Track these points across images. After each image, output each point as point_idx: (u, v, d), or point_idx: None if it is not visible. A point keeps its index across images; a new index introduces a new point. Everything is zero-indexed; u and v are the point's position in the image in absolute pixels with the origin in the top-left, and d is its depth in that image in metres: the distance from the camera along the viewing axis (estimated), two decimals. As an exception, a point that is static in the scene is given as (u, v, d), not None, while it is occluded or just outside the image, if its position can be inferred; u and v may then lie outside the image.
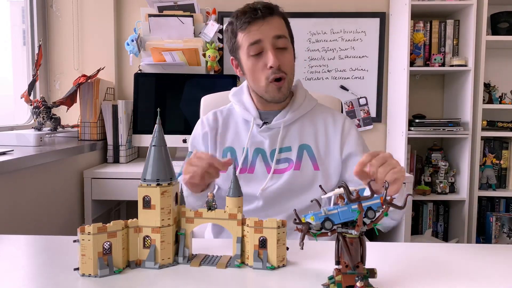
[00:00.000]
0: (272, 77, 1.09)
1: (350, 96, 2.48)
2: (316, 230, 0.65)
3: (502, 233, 2.29)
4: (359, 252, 0.64)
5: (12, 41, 2.32)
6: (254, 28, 1.08)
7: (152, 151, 0.75)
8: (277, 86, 1.10)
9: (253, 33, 1.09)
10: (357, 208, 0.63)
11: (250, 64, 1.11)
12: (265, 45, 1.08)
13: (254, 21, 1.08)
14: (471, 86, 2.21)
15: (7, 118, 2.15)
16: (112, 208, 2.28)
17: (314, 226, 0.64)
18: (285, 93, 1.13)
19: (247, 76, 1.15)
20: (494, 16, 2.32)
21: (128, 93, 2.45)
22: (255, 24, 1.09)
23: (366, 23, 2.44)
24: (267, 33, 1.08)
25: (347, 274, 0.64)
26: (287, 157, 1.15)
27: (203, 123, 1.23)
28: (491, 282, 0.71)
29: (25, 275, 0.73)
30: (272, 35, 1.08)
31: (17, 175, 1.44)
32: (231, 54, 1.19)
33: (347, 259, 0.64)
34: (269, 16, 1.09)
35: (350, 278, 0.64)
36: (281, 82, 1.10)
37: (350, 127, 1.19)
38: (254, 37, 1.08)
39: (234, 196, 0.77)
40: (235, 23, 1.12)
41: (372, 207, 0.64)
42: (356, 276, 0.60)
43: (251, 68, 1.11)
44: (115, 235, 0.72)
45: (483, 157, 2.33)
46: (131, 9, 2.42)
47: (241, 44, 1.12)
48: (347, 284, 0.64)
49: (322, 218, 0.64)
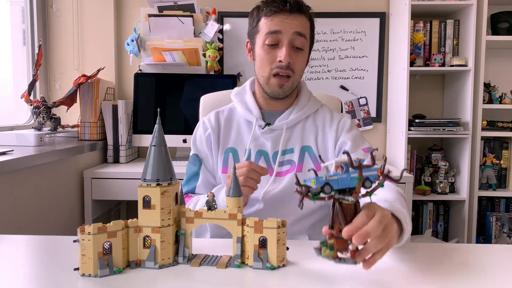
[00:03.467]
0: (276, 70, 1.08)
1: (350, 96, 2.48)
2: (314, 193, 0.67)
3: (502, 233, 2.29)
4: (351, 217, 0.67)
5: (12, 41, 2.32)
6: (278, 19, 1.07)
7: (152, 151, 0.75)
8: (279, 82, 1.09)
9: (275, 22, 1.07)
10: (357, 175, 0.66)
11: (262, 52, 1.10)
12: (283, 38, 1.07)
13: (281, 11, 1.07)
14: (471, 86, 2.21)
15: (7, 118, 2.15)
16: (112, 208, 2.28)
17: (314, 189, 0.67)
18: (286, 92, 1.12)
19: (256, 63, 1.14)
20: (494, 16, 2.32)
21: (128, 93, 2.45)
22: (280, 15, 1.07)
23: (366, 23, 2.44)
24: (289, 27, 1.07)
25: (340, 238, 0.67)
26: (289, 159, 1.14)
27: (205, 124, 1.21)
28: (491, 282, 0.71)
29: (25, 275, 0.73)
30: (293, 30, 1.07)
31: (17, 175, 1.44)
32: (248, 37, 1.18)
33: (341, 224, 0.67)
34: (297, 13, 1.08)
35: (342, 242, 0.67)
36: (285, 79, 1.09)
37: (345, 123, 1.16)
38: (275, 27, 1.07)
39: (234, 196, 0.77)
40: (262, 7, 1.11)
41: (369, 178, 0.67)
42: (349, 240, 0.64)
43: (262, 56, 1.10)
44: (115, 235, 0.72)
45: (483, 157, 2.33)
46: (131, 9, 2.42)
47: (260, 29, 1.11)
48: (339, 247, 0.67)
49: (323, 183, 0.67)
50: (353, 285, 0.68)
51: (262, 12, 1.11)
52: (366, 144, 1.15)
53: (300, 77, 1.14)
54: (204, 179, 1.17)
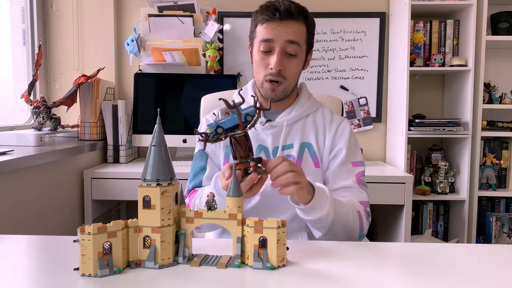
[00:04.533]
0: (268, 77, 1.11)
1: (350, 96, 2.48)
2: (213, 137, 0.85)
3: (502, 233, 2.29)
4: (247, 145, 0.86)
5: (12, 41, 2.32)
6: (270, 27, 1.09)
7: (152, 151, 0.75)
8: (271, 87, 1.12)
9: (268, 30, 1.10)
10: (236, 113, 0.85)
11: (257, 58, 1.14)
12: (275, 46, 1.09)
13: (272, 19, 1.09)
14: (471, 86, 2.21)
15: (7, 118, 2.15)
16: (112, 208, 2.28)
17: (210, 133, 0.85)
18: (278, 95, 1.14)
19: (253, 66, 1.18)
20: (494, 16, 2.32)
21: (128, 93, 2.45)
22: (272, 23, 1.09)
23: (366, 23, 2.44)
24: (280, 35, 1.09)
25: (243, 162, 0.87)
26: (289, 154, 1.16)
27: (208, 121, 1.24)
28: (491, 282, 0.71)
29: (25, 275, 0.73)
30: (284, 39, 1.09)
31: (17, 175, 1.44)
32: (249, 39, 1.21)
33: (240, 152, 0.86)
34: (288, 20, 1.09)
35: (245, 165, 0.87)
36: (276, 84, 1.12)
37: (344, 129, 1.19)
38: (267, 35, 1.09)
39: (234, 196, 0.77)
40: (258, 13, 1.13)
41: (249, 113, 0.86)
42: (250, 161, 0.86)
43: (257, 62, 1.14)
44: (115, 235, 0.72)
45: (483, 157, 2.33)
46: (131, 9, 2.42)
47: (256, 35, 1.14)
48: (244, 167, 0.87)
49: (215, 126, 0.85)
50: (353, 285, 0.68)
51: (258, 18, 1.13)
52: (359, 157, 1.19)
53: (294, 81, 1.16)
54: (211, 172, 1.19)
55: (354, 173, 1.15)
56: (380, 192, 1.96)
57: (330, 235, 1.04)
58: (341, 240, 1.06)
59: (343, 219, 1.03)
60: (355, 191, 1.13)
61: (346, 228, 1.04)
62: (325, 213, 0.98)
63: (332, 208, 0.99)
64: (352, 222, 1.05)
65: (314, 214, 0.98)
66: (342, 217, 1.02)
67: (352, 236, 1.07)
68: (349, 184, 1.13)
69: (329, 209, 0.98)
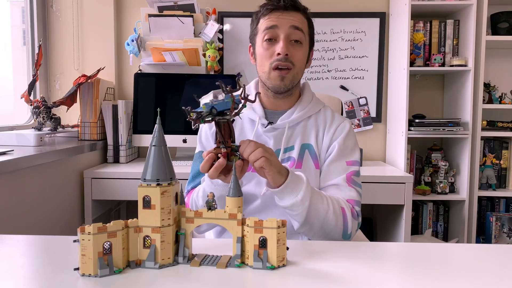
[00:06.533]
0: (275, 63, 1.09)
1: (350, 96, 2.48)
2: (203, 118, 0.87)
3: (502, 233, 2.29)
4: (228, 132, 0.91)
5: (12, 41, 2.32)
6: (274, 15, 1.11)
7: (152, 151, 0.75)
8: (280, 75, 1.10)
9: (272, 19, 1.11)
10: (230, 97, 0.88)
11: (261, 49, 1.13)
12: (280, 32, 1.10)
13: (276, 8, 1.11)
14: (471, 86, 2.21)
15: (7, 118, 2.15)
16: (112, 208, 2.28)
17: (205, 112, 0.87)
18: (287, 85, 1.12)
19: (257, 62, 1.17)
20: (494, 16, 2.32)
21: (128, 93, 2.45)
22: (276, 12, 1.11)
23: (366, 23, 2.44)
24: (285, 21, 1.10)
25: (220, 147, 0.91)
26: (290, 155, 1.15)
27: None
28: (491, 282, 0.71)
29: (25, 275, 0.73)
30: (289, 24, 1.10)
31: (17, 175, 1.44)
32: (250, 41, 1.21)
33: (220, 137, 0.91)
34: (291, 9, 1.11)
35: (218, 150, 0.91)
36: (285, 71, 1.10)
37: (343, 128, 1.18)
38: (271, 23, 1.10)
39: (234, 196, 0.77)
40: (260, 10, 1.15)
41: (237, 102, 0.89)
42: (223, 147, 0.90)
43: (262, 53, 1.13)
44: (115, 235, 0.72)
45: (483, 157, 2.33)
46: (131, 9, 2.42)
47: (259, 29, 1.14)
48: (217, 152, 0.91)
49: (210, 106, 0.88)
50: (353, 285, 0.68)
51: (260, 14, 1.15)
52: (354, 157, 1.16)
53: (301, 71, 1.15)
54: None
55: (346, 171, 1.12)
56: (380, 192, 1.96)
57: (307, 227, 1.02)
58: (320, 236, 1.03)
59: (321, 211, 1.00)
60: (344, 189, 1.10)
61: (325, 221, 1.01)
62: (299, 199, 0.96)
63: (308, 196, 0.97)
64: (333, 217, 1.01)
65: (288, 199, 0.97)
66: (320, 208, 1.00)
67: (332, 233, 1.03)
68: (338, 182, 1.11)
69: (304, 195, 0.97)
